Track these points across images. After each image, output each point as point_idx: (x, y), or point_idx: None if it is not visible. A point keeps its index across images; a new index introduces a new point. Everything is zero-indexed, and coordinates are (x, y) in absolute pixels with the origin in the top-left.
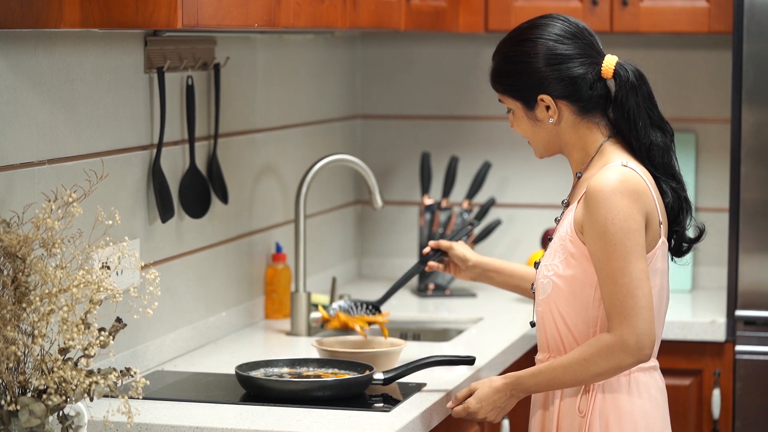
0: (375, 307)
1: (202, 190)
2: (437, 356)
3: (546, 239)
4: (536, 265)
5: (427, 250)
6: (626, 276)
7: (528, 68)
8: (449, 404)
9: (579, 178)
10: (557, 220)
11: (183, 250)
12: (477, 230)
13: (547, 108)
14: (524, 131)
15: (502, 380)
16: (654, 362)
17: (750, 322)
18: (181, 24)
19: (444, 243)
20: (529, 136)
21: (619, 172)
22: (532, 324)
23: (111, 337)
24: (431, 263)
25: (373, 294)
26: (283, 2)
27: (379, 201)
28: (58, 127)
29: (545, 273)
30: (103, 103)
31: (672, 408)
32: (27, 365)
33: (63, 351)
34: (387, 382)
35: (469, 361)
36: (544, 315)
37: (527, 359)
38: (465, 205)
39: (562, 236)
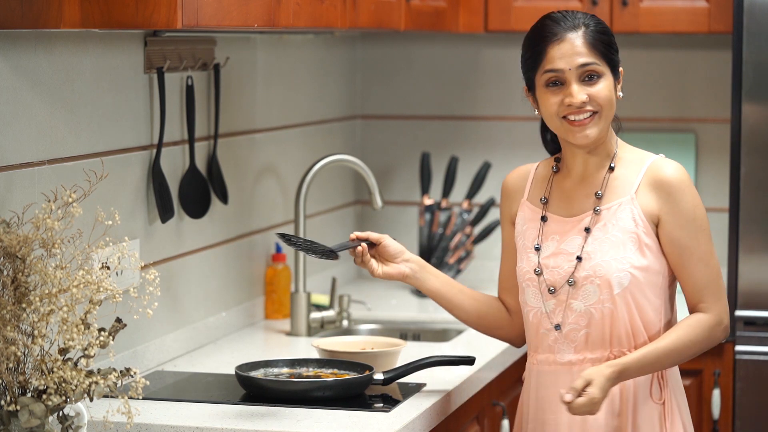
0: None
1: (201, 191)
2: (437, 356)
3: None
4: (579, 258)
5: (353, 236)
6: (713, 258)
7: (615, 42)
8: (568, 397)
9: (612, 170)
10: (599, 211)
11: (183, 250)
12: (477, 230)
13: (619, 83)
14: (606, 101)
15: (610, 369)
16: None
17: (750, 322)
18: (181, 24)
19: (373, 235)
20: (606, 106)
21: (675, 163)
22: (557, 326)
23: (111, 338)
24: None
25: (373, 294)
26: (282, 2)
27: (378, 201)
28: (58, 127)
29: (619, 266)
30: (103, 103)
31: None
32: (27, 365)
33: (63, 351)
34: (387, 382)
35: (469, 361)
36: (616, 309)
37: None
38: (465, 205)
39: (629, 228)
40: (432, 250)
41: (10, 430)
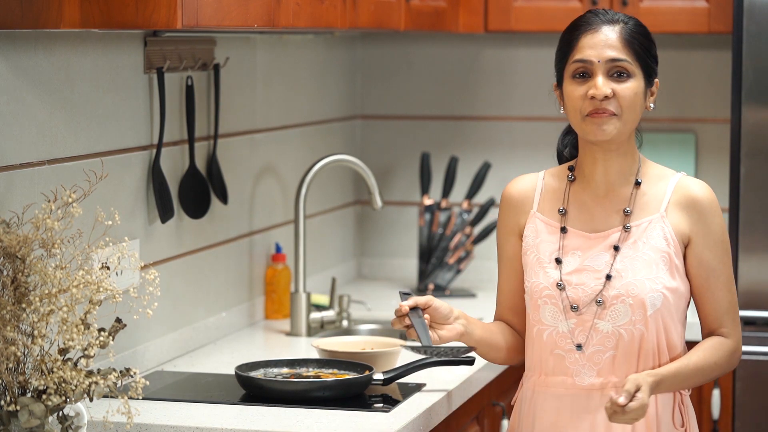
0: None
1: (201, 191)
2: (437, 357)
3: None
4: (608, 277)
5: (405, 309)
6: (734, 283)
7: (656, 50)
8: (623, 400)
9: (639, 185)
10: (629, 228)
11: (183, 250)
12: (477, 230)
13: (652, 93)
14: (629, 103)
15: (652, 378)
16: None
17: (750, 322)
18: (181, 24)
19: (420, 300)
20: (628, 109)
21: (702, 182)
22: (579, 347)
23: (111, 338)
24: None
25: (373, 294)
26: (282, 2)
27: (378, 201)
28: (58, 127)
29: (653, 286)
30: (103, 103)
31: None
32: (27, 365)
33: (63, 351)
34: (387, 382)
35: (469, 361)
36: (647, 331)
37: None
38: (465, 205)
39: (661, 248)
40: (432, 251)
41: (10, 430)
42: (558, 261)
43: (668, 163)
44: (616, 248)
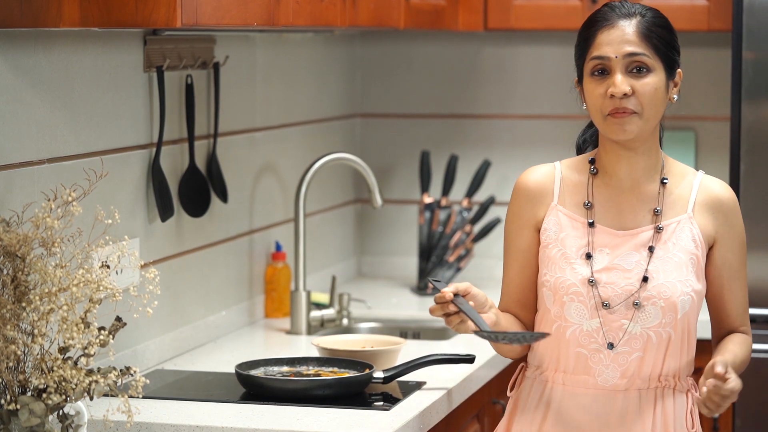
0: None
1: (201, 189)
2: (437, 355)
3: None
4: (645, 279)
5: (449, 295)
6: (746, 281)
7: (677, 40)
8: (720, 369)
9: (665, 184)
10: (661, 229)
11: (183, 249)
12: (477, 228)
13: (675, 85)
14: (649, 99)
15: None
16: None
17: (750, 320)
18: (181, 23)
19: (461, 286)
20: (649, 105)
21: (723, 182)
22: (610, 345)
23: (111, 336)
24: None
25: (373, 292)
26: (282, 1)
27: (378, 200)
28: (58, 127)
29: (684, 289)
30: (103, 103)
31: None
32: (27, 364)
33: (63, 350)
34: (387, 380)
35: (469, 359)
36: (675, 334)
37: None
38: (465, 203)
39: (690, 249)
40: (432, 249)
41: (10, 429)
42: (588, 257)
43: None
44: (651, 249)
